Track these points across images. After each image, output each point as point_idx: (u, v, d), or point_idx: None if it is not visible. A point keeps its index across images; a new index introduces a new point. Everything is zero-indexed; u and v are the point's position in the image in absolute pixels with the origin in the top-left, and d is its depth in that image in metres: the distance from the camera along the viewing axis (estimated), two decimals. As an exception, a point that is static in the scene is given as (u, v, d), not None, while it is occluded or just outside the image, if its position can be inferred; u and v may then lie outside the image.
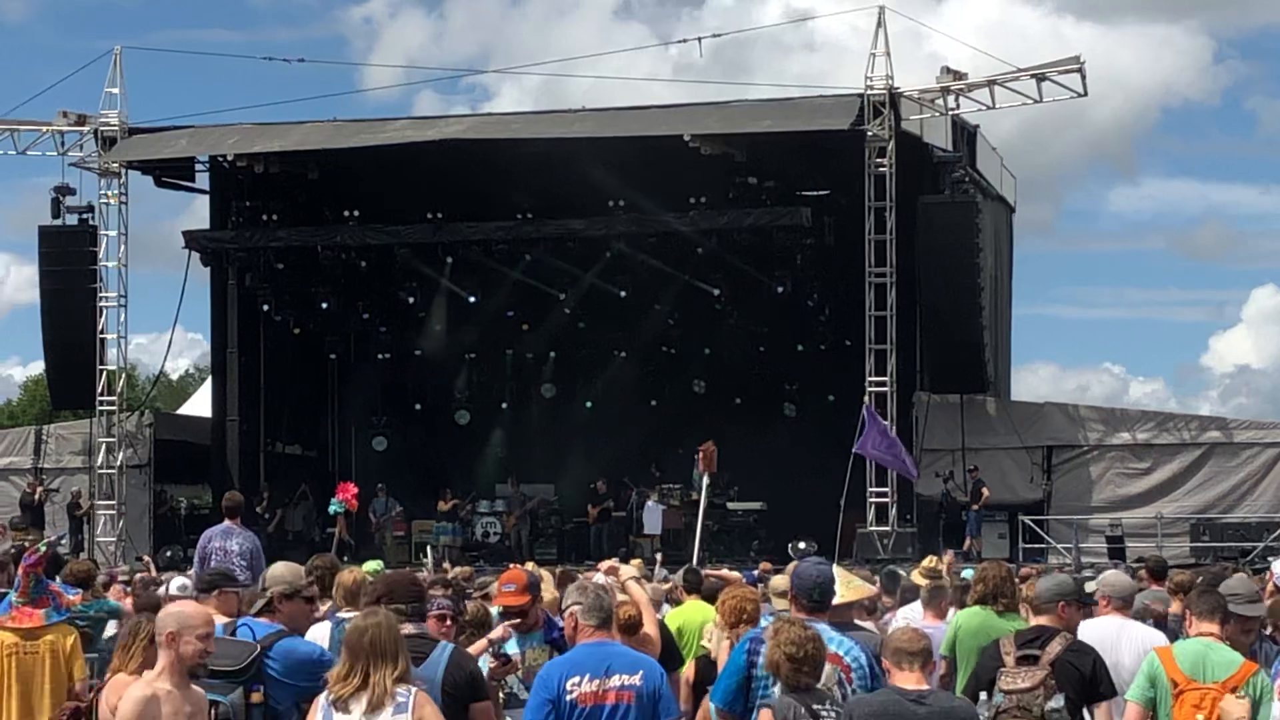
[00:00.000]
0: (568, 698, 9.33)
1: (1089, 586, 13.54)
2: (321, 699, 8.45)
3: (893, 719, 8.71)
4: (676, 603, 16.28)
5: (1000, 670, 10.44)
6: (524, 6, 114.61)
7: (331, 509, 32.70)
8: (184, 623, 8.43)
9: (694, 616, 14.83)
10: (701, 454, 25.97)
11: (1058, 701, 10.12)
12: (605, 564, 14.09)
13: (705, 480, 27.04)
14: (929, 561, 16.21)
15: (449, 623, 10.65)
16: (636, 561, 18.84)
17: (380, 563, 23.46)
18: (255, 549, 18.98)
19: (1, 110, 42.50)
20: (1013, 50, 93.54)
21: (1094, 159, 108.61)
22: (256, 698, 9.44)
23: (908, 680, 8.84)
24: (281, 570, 10.92)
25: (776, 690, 9.43)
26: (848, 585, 10.94)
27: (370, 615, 8.67)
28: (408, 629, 9.72)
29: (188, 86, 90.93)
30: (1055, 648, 10.49)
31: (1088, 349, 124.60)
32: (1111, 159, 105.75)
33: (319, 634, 11.26)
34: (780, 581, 12.34)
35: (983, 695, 10.43)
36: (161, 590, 17.67)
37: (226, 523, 19.29)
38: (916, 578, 15.80)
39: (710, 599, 14.84)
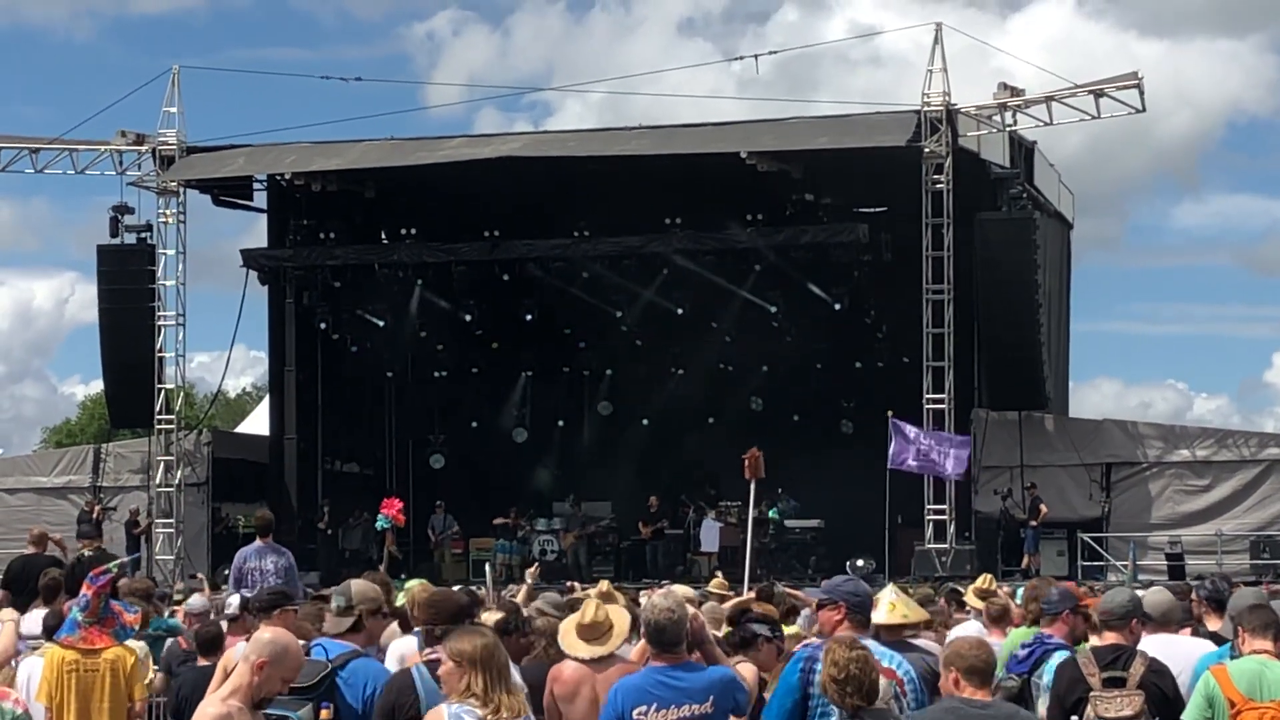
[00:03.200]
0: None
1: None
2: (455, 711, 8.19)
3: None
4: None
5: (1090, 693, 10.30)
6: (587, 23, 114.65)
7: (378, 524, 32.68)
8: (280, 661, 8.32)
9: None
10: (746, 460, 25.62)
11: None
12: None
13: (752, 487, 26.71)
14: (982, 581, 15.93)
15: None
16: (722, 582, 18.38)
17: (421, 581, 23.31)
18: (290, 566, 19.04)
19: (61, 130, 42.98)
20: (1077, 67, 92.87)
21: (1159, 174, 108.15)
22: (325, 715, 9.34)
23: (975, 695, 8.56)
24: (364, 588, 10.68)
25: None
26: (907, 605, 10.77)
27: (483, 633, 8.47)
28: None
29: (247, 105, 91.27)
30: (1139, 668, 10.37)
31: (1152, 365, 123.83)
32: (1177, 174, 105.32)
33: (407, 647, 11.24)
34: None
35: (1073, 719, 10.30)
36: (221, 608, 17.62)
37: (259, 542, 19.30)
38: (971, 598, 15.55)
39: None
